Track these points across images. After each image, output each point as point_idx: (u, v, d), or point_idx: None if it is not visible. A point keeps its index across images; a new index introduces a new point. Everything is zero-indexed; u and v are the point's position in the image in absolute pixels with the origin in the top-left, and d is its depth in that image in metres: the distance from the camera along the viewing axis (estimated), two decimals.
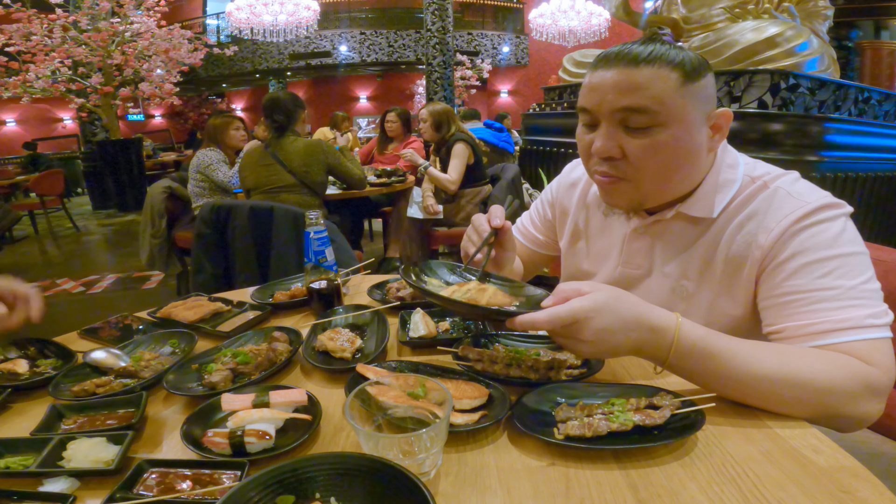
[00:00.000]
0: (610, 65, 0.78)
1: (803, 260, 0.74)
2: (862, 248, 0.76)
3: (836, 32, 6.69)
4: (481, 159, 3.39)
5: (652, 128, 0.77)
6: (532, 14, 10.63)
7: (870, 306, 0.71)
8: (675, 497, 0.54)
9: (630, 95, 0.76)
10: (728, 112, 0.81)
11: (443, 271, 0.89)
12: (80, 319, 1.26)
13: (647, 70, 0.76)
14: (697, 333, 0.68)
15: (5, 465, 0.63)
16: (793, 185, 0.81)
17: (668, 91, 0.75)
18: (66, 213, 7.17)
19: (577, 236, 1.07)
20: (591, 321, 0.64)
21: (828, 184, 3.02)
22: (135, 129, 15.13)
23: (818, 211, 0.76)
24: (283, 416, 0.68)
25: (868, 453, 0.91)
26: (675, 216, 0.87)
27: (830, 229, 0.75)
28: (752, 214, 0.81)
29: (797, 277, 0.74)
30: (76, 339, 1.04)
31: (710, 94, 0.80)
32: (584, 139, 0.85)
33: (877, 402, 0.68)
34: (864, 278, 0.73)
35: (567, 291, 0.67)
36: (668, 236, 0.90)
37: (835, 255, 0.73)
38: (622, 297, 0.67)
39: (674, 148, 0.78)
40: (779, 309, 0.76)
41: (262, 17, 8.71)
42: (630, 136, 0.79)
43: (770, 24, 3.36)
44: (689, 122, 0.78)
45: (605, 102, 0.78)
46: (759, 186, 0.82)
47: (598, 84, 0.79)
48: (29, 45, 6.51)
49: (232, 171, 3.12)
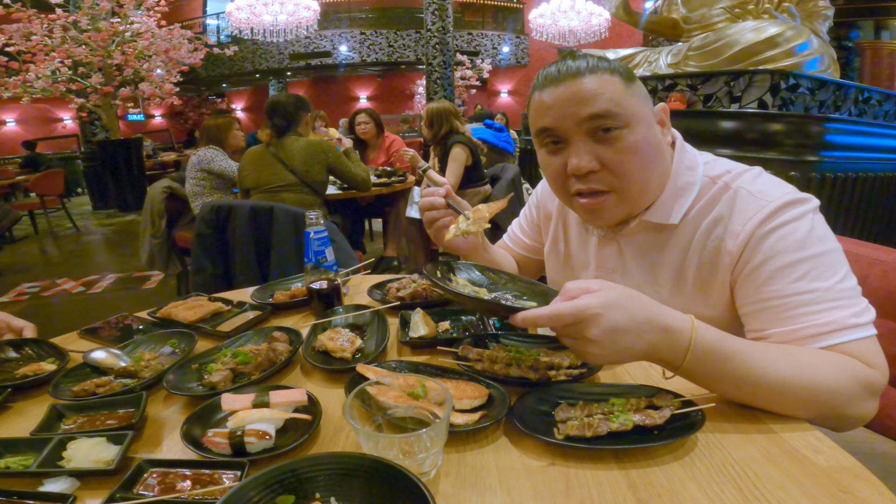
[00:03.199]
0: (556, 82, 0.79)
1: (776, 264, 0.73)
2: (833, 244, 0.75)
3: (836, 32, 6.69)
4: (480, 160, 3.38)
5: (620, 130, 0.78)
6: (532, 14, 10.65)
7: (850, 306, 0.71)
8: (675, 497, 0.54)
9: (590, 104, 0.77)
10: (664, 105, 0.85)
11: (472, 272, 0.91)
12: (80, 319, 1.26)
13: (593, 78, 0.77)
14: (714, 335, 0.66)
15: (5, 465, 0.63)
16: (753, 183, 0.80)
17: (619, 93, 0.77)
18: (66, 213, 7.18)
19: (557, 240, 1.07)
20: (600, 319, 0.60)
21: (828, 184, 3.02)
22: (135, 129, 15.13)
23: (782, 210, 0.75)
24: (283, 416, 0.68)
25: (868, 453, 0.91)
26: (639, 225, 0.87)
27: (798, 230, 0.74)
28: (718, 219, 0.81)
29: (773, 283, 0.73)
30: (76, 339, 1.04)
31: (645, 93, 0.83)
32: (554, 163, 0.84)
33: (874, 402, 0.68)
34: (838, 277, 0.72)
35: (574, 290, 0.64)
36: (634, 244, 0.90)
37: (807, 256, 0.72)
38: (634, 296, 0.64)
39: (644, 146, 0.79)
40: (760, 315, 0.75)
41: (262, 17, 8.72)
42: (602, 144, 0.79)
43: (770, 24, 3.36)
44: (646, 119, 0.80)
45: (569, 116, 0.79)
46: (720, 188, 0.82)
47: (553, 102, 0.80)
48: (29, 45, 6.51)
49: (237, 165, 3.11)
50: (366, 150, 4.11)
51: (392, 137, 4.21)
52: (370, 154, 4.13)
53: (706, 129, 3.33)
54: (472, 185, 3.32)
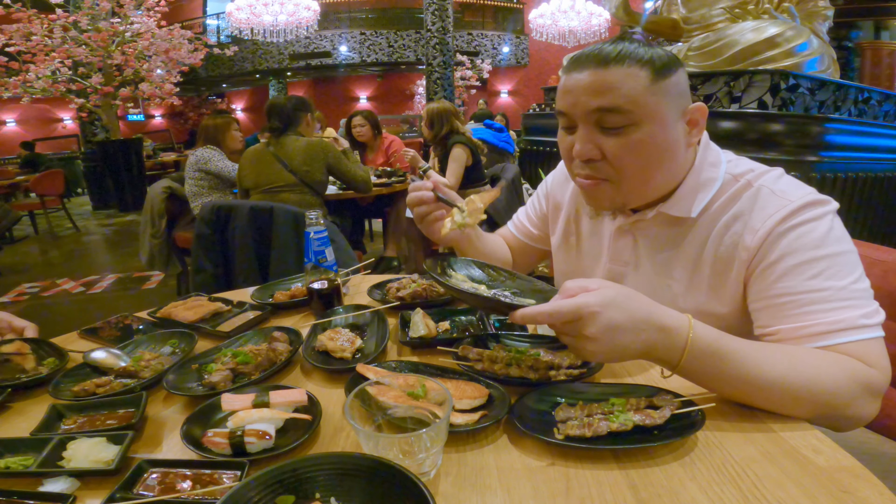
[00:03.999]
0: (582, 67, 0.79)
1: (792, 261, 0.74)
2: (849, 246, 0.75)
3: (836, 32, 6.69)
4: (480, 160, 3.38)
5: (627, 127, 0.77)
6: (532, 14, 10.65)
7: (861, 306, 0.71)
8: (675, 497, 0.54)
9: (602, 96, 0.76)
10: (703, 106, 0.81)
11: (471, 268, 0.91)
12: (80, 319, 1.26)
13: (617, 69, 0.76)
14: (710, 335, 0.66)
15: (5, 465, 0.63)
16: (776, 182, 0.80)
17: (639, 89, 0.76)
18: (66, 213, 7.17)
19: (569, 232, 1.07)
20: (598, 317, 0.61)
21: (828, 184, 3.03)
22: (135, 129, 15.11)
23: (803, 209, 0.75)
24: (283, 416, 0.68)
25: (868, 453, 0.91)
26: (656, 216, 0.87)
27: (817, 229, 0.74)
28: (738, 215, 0.81)
29: (787, 279, 0.74)
30: (76, 339, 1.04)
31: (682, 89, 0.80)
32: (565, 142, 0.85)
33: (875, 403, 0.68)
34: (853, 278, 0.72)
35: (573, 288, 0.64)
36: (651, 236, 0.90)
37: (823, 255, 0.73)
38: (632, 295, 0.65)
39: (651, 146, 0.78)
40: (771, 311, 0.75)
41: (262, 17, 8.72)
42: (607, 136, 0.79)
43: (770, 24, 3.37)
44: (664, 118, 0.78)
45: (580, 105, 0.79)
46: (742, 185, 0.82)
47: (571, 87, 0.80)
48: (29, 45, 6.50)
49: (234, 165, 3.10)
50: (364, 151, 4.11)
51: (391, 138, 4.20)
52: (368, 155, 4.13)
53: (706, 129, 3.33)
54: (472, 185, 3.33)
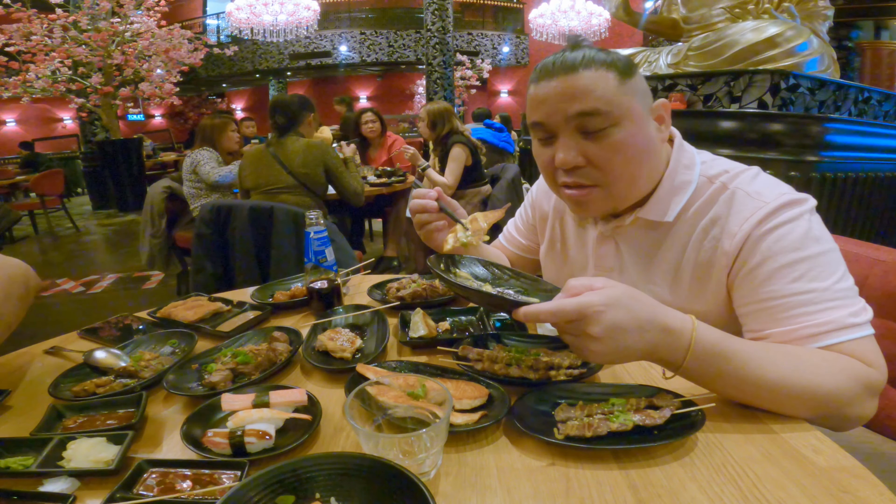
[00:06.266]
0: (550, 76, 0.79)
1: (774, 265, 0.74)
2: (829, 244, 0.75)
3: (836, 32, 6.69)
4: (480, 160, 3.39)
5: (608, 128, 0.78)
6: (532, 14, 10.65)
7: (848, 305, 0.71)
8: (675, 497, 0.54)
9: (580, 100, 0.77)
10: (665, 101, 0.84)
11: (475, 266, 0.91)
12: (80, 319, 1.26)
13: (587, 74, 0.77)
14: (714, 336, 0.66)
15: (5, 465, 0.63)
16: (751, 183, 0.81)
17: (611, 90, 0.77)
18: (66, 213, 7.18)
19: (554, 240, 1.07)
20: (602, 316, 0.60)
21: (828, 184, 3.02)
22: (135, 129, 15.10)
23: (779, 211, 0.75)
24: (283, 416, 0.68)
25: (868, 453, 0.91)
26: (635, 221, 0.88)
27: (795, 230, 0.74)
28: (715, 219, 0.81)
29: (771, 283, 0.74)
30: (76, 339, 1.04)
31: (644, 88, 0.82)
32: (544, 154, 0.85)
33: (874, 401, 0.69)
34: (836, 277, 0.72)
35: (577, 287, 0.64)
36: (632, 241, 0.90)
37: (804, 256, 0.73)
38: (636, 295, 0.64)
39: (632, 144, 0.79)
40: (759, 315, 0.76)
41: (262, 17, 8.71)
42: (589, 141, 0.79)
43: (770, 24, 3.36)
44: (638, 116, 0.79)
45: (558, 112, 0.79)
46: (717, 188, 0.82)
47: (545, 96, 0.80)
48: (29, 45, 6.50)
49: (225, 170, 3.09)
50: (368, 149, 4.12)
51: (394, 137, 4.23)
52: (372, 153, 4.14)
53: (706, 129, 3.33)
54: (472, 185, 3.33)
